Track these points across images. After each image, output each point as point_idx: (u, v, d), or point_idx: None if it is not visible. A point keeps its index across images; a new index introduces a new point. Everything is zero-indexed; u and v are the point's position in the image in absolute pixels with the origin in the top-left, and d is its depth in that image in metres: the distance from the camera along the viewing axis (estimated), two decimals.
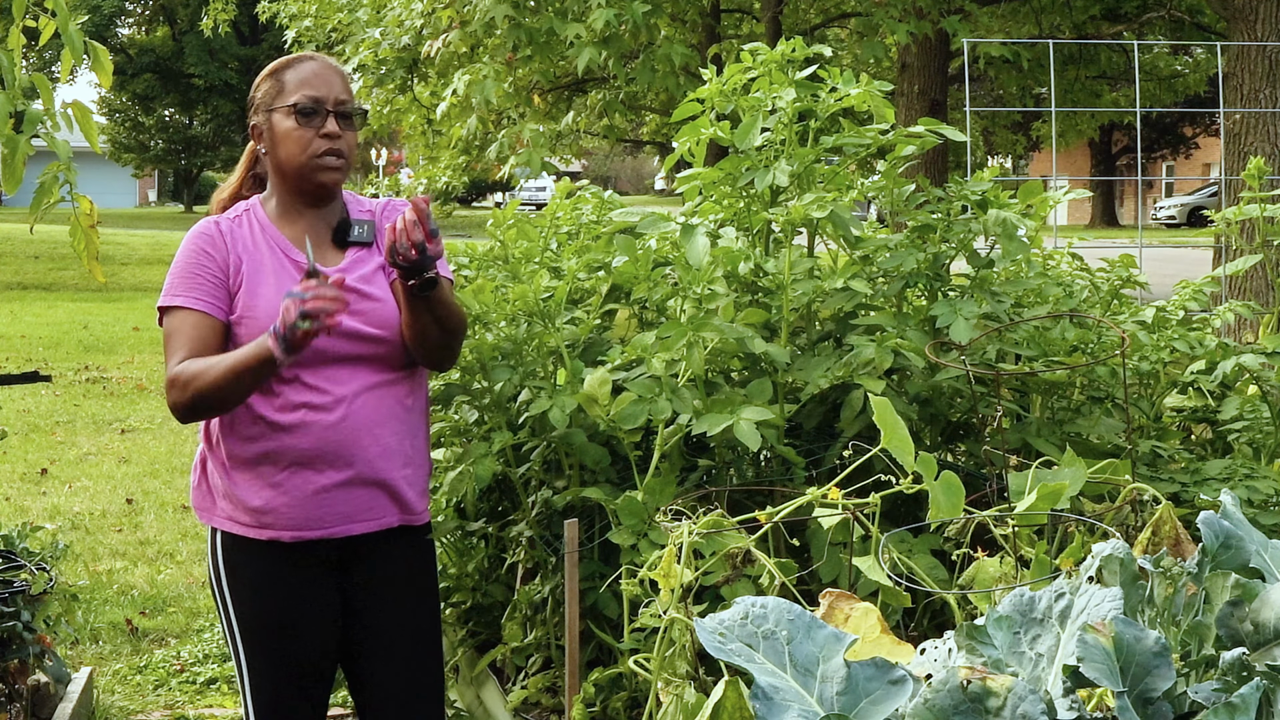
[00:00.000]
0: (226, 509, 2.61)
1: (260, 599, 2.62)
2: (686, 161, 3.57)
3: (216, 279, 2.59)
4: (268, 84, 2.66)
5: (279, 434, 2.56)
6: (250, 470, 2.58)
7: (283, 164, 2.63)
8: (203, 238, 2.63)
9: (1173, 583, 1.60)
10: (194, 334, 2.55)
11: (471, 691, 3.86)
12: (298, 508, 2.58)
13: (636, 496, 3.09)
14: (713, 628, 1.54)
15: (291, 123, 2.60)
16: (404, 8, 10.59)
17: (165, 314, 2.60)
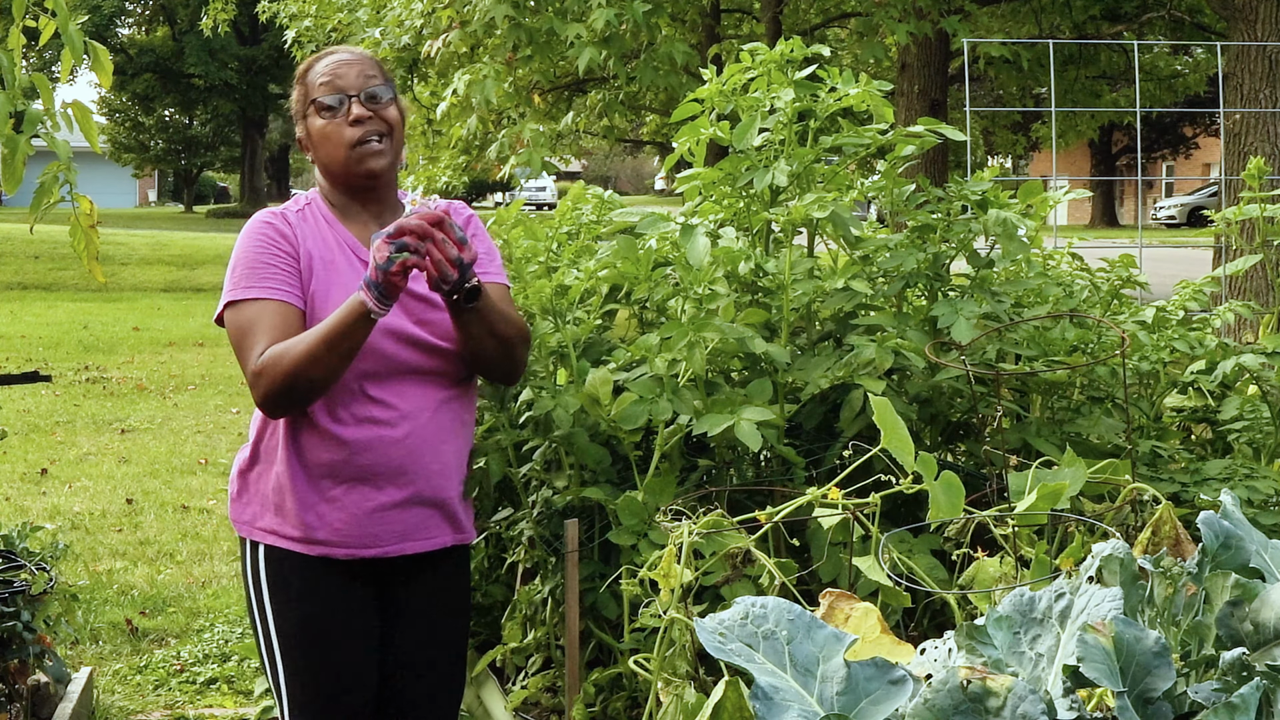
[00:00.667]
0: (273, 523, 2.52)
1: (304, 613, 2.52)
2: (686, 161, 3.57)
3: (291, 268, 2.48)
4: (296, 92, 2.62)
5: (342, 448, 2.47)
6: (307, 484, 2.49)
7: (327, 164, 2.57)
8: (270, 227, 2.53)
9: (1173, 583, 1.60)
10: (274, 322, 2.42)
11: (471, 691, 3.86)
12: (354, 525, 2.50)
13: (636, 496, 3.09)
14: (713, 628, 1.54)
15: (320, 120, 2.55)
16: (404, 8, 10.59)
17: (234, 309, 2.47)
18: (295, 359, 2.34)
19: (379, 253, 2.26)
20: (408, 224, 2.27)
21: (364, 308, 2.30)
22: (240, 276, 2.47)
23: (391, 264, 2.25)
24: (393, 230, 2.26)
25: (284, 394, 2.38)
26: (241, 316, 2.44)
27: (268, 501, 2.51)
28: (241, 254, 2.50)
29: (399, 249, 2.25)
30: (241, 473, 2.58)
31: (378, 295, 2.28)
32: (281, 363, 2.35)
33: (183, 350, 14.14)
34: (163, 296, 20.07)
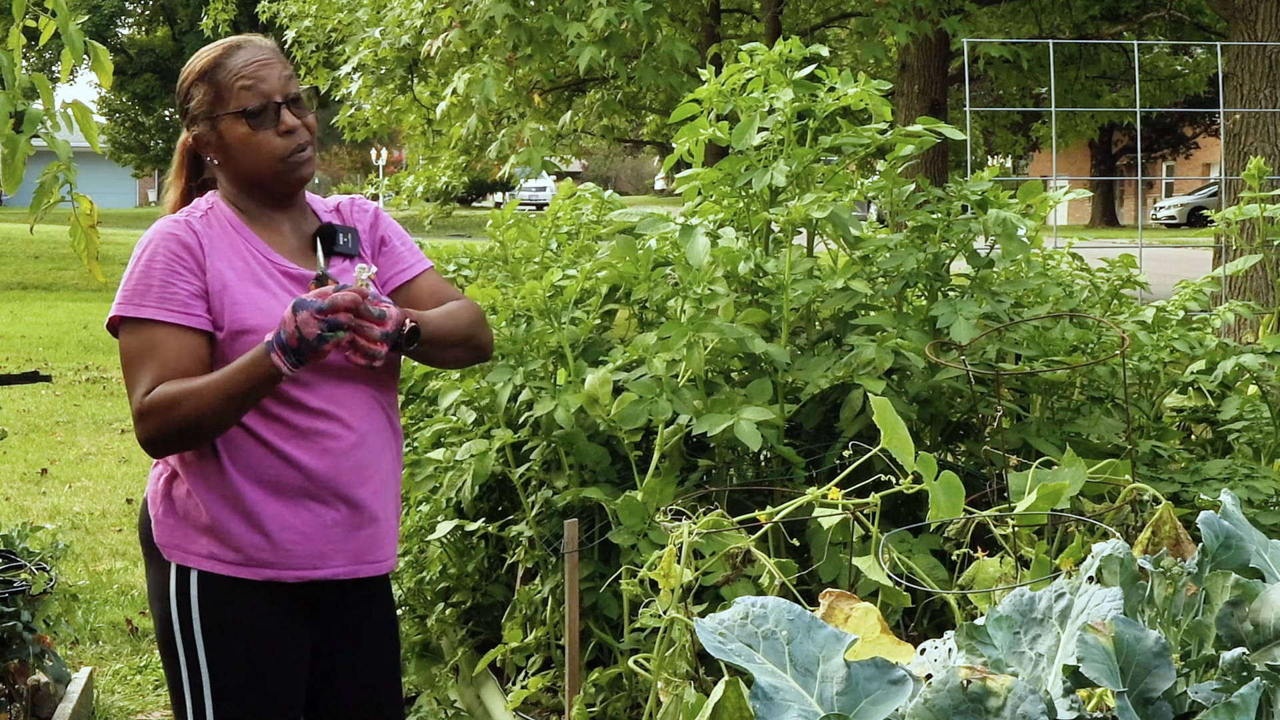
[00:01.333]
0: (208, 546, 2.29)
1: (243, 646, 2.32)
2: (686, 162, 3.57)
3: (195, 288, 2.26)
4: (201, 90, 2.35)
5: (284, 462, 2.28)
6: (247, 503, 2.28)
7: (249, 174, 2.35)
8: (175, 240, 2.28)
9: (1173, 583, 1.60)
10: (168, 355, 2.22)
11: (471, 691, 3.86)
12: (303, 545, 2.31)
13: (636, 496, 3.09)
14: (713, 628, 1.54)
15: (245, 129, 2.32)
16: (404, 8, 10.60)
17: (129, 327, 2.25)
18: (190, 410, 2.17)
19: (307, 326, 2.10)
20: (342, 301, 2.11)
21: (274, 369, 2.14)
22: (138, 290, 2.25)
23: (323, 343, 2.12)
24: (326, 305, 2.10)
25: (172, 440, 2.22)
26: (135, 339, 2.24)
27: (200, 522, 2.29)
28: (138, 265, 2.28)
29: (331, 327, 2.10)
30: (164, 492, 2.33)
31: (294, 361, 2.14)
32: (174, 410, 2.18)
33: None
34: None
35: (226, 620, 2.31)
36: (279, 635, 2.35)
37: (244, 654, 2.33)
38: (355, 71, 12.18)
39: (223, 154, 2.37)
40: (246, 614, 2.32)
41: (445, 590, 3.88)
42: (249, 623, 2.32)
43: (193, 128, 2.38)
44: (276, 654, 2.35)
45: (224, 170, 2.39)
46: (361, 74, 12.23)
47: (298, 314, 2.11)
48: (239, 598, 2.31)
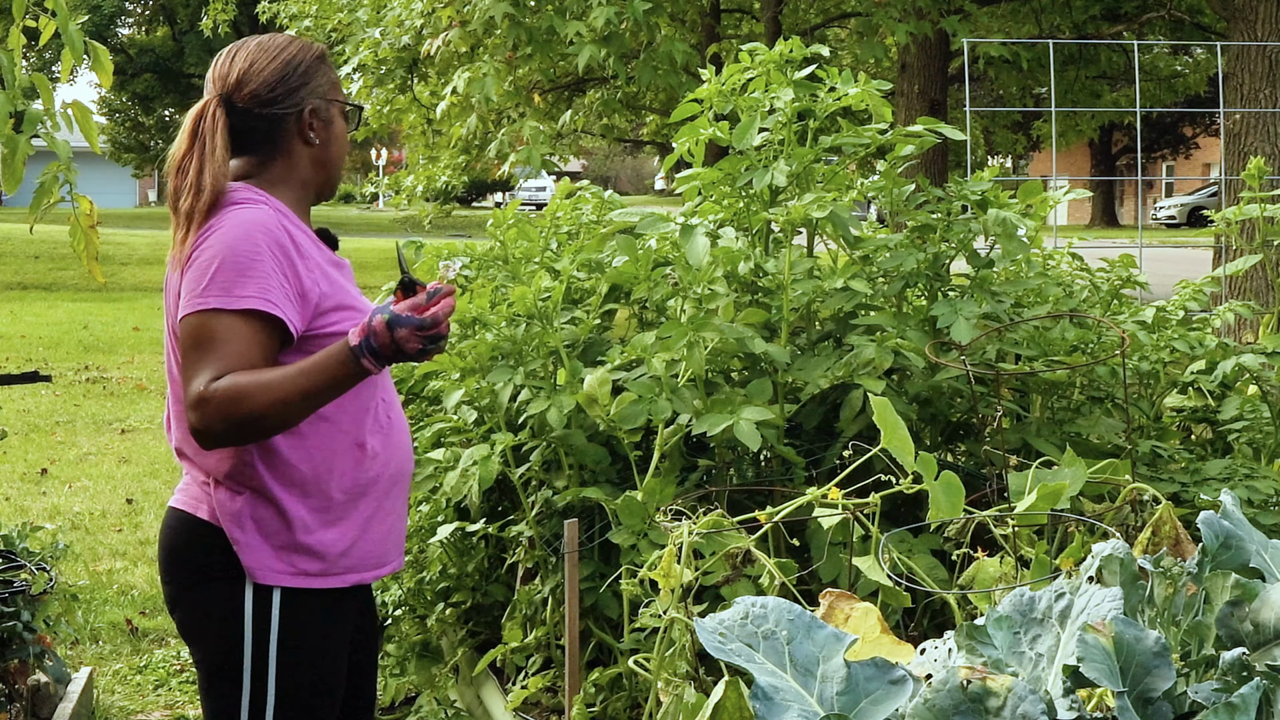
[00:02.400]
0: (294, 561, 2.26)
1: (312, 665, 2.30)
2: (686, 161, 3.57)
3: (289, 283, 2.20)
4: (323, 71, 2.37)
5: (372, 463, 2.29)
6: (337, 509, 2.27)
7: (329, 162, 2.37)
8: (269, 234, 2.20)
9: (1173, 583, 1.60)
10: (244, 346, 2.14)
11: (471, 691, 3.86)
12: (380, 541, 2.33)
13: (636, 496, 3.09)
14: (713, 628, 1.54)
15: (342, 122, 2.40)
16: (404, 8, 10.60)
17: (211, 316, 2.15)
18: (259, 404, 2.09)
19: (408, 343, 2.09)
20: (443, 315, 2.11)
21: (361, 372, 2.13)
22: (226, 279, 2.16)
23: (425, 356, 2.13)
24: (429, 323, 2.10)
25: (228, 432, 2.12)
26: (213, 325, 2.14)
27: (283, 543, 2.25)
28: (231, 252, 2.18)
29: (433, 340, 2.11)
30: (247, 513, 2.25)
31: (385, 365, 2.14)
32: (242, 402, 2.09)
33: None
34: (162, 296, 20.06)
35: (302, 636, 2.29)
36: (341, 646, 2.36)
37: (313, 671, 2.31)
38: (355, 71, 12.18)
39: (324, 136, 2.36)
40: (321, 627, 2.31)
41: (445, 590, 3.88)
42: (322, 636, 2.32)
43: (310, 100, 2.34)
44: (337, 668, 2.35)
45: (314, 155, 2.36)
46: (362, 74, 12.23)
47: (396, 330, 2.08)
48: (316, 611, 2.29)
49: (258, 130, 2.32)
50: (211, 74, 2.35)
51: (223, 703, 2.28)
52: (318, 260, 2.29)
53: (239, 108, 2.30)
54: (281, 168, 2.35)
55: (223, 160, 2.26)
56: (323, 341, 2.23)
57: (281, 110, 2.32)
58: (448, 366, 3.51)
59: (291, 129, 2.34)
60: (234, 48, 2.36)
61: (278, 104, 2.31)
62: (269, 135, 2.33)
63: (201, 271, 2.18)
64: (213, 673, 2.30)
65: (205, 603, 2.29)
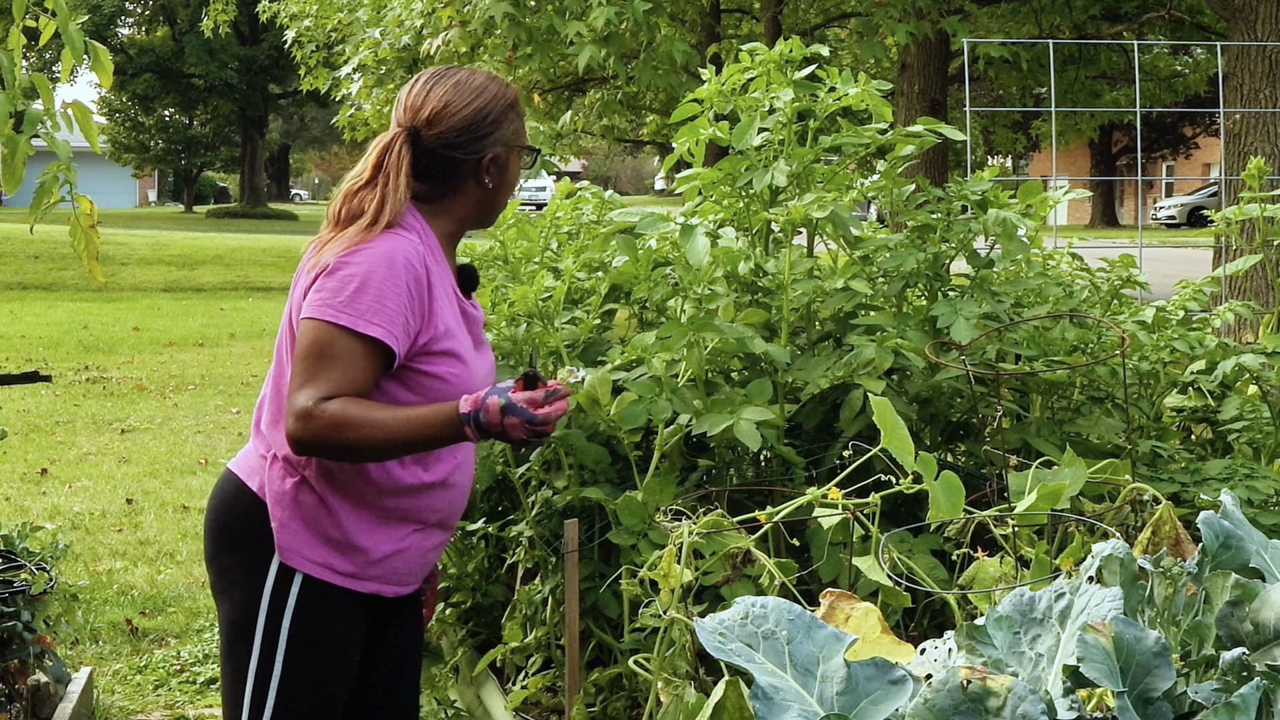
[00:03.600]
0: (325, 557, 2.34)
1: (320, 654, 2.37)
2: (686, 162, 3.57)
3: (413, 320, 2.29)
4: (512, 118, 2.44)
5: (426, 493, 2.37)
6: (382, 524, 2.36)
7: (497, 205, 2.47)
8: (412, 271, 2.28)
9: (1173, 583, 1.60)
10: (360, 372, 2.23)
11: (471, 691, 3.86)
12: (411, 563, 2.41)
13: (636, 496, 3.09)
14: (713, 628, 1.54)
15: (517, 166, 2.46)
16: (404, 8, 10.60)
17: (337, 332, 2.23)
18: (363, 437, 2.19)
19: (514, 431, 2.18)
20: (555, 416, 2.20)
21: (463, 437, 2.22)
22: (361, 303, 2.24)
23: (525, 446, 2.22)
24: (540, 420, 2.18)
25: (324, 451, 2.23)
26: (338, 342, 2.22)
27: (324, 532, 2.34)
28: (372, 277, 2.25)
29: (537, 435, 2.19)
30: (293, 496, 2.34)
31: (481, 437, 2.22)
32: (348, 430, 2.18)
33: (183, 350, 14.14)
34: (163, 296, 20.07)
35: (316, 624, 2.35)
36: (352, 647, 2.42)
37: (319, 660, 2.38)
38: (355, 71, 12.19)
39: (498, 180, 2.43)
40: (334, 623, 2.37)
41: (445, 590, 3.88)
42: (334, 632, 2.37)
43: (493, 147, 2.40)
44: (346, 664, 2.41)
45: (484, 196, 2.44)
46: (362, 74, 12.23)
47: (507, 417, 2.17)
48: (332, 605, 2.36)
49: (437, 167, 2.39)
50: (404, 102, 2.41)
51: (237, 668, 2.38)
52: (447, 300, 2.36)
53: (424, 145, 2.38)
54: (450, 203, 2.42)
55: (405, 196, 2.35)
56: (420, 379, 2.32)
57: (464, 155, 2.39)
58: None
59: (469, 172, 2.41)
60: (431, 79, 2.42)
61: (462, 149, 2.38)
62: (446, 173, 2.40)
63: (342, 284, 2.25)
64: (233, 637, 2.39)
65: (235, 568, 2.38)
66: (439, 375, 2.33)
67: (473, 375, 2.37)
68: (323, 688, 2.40)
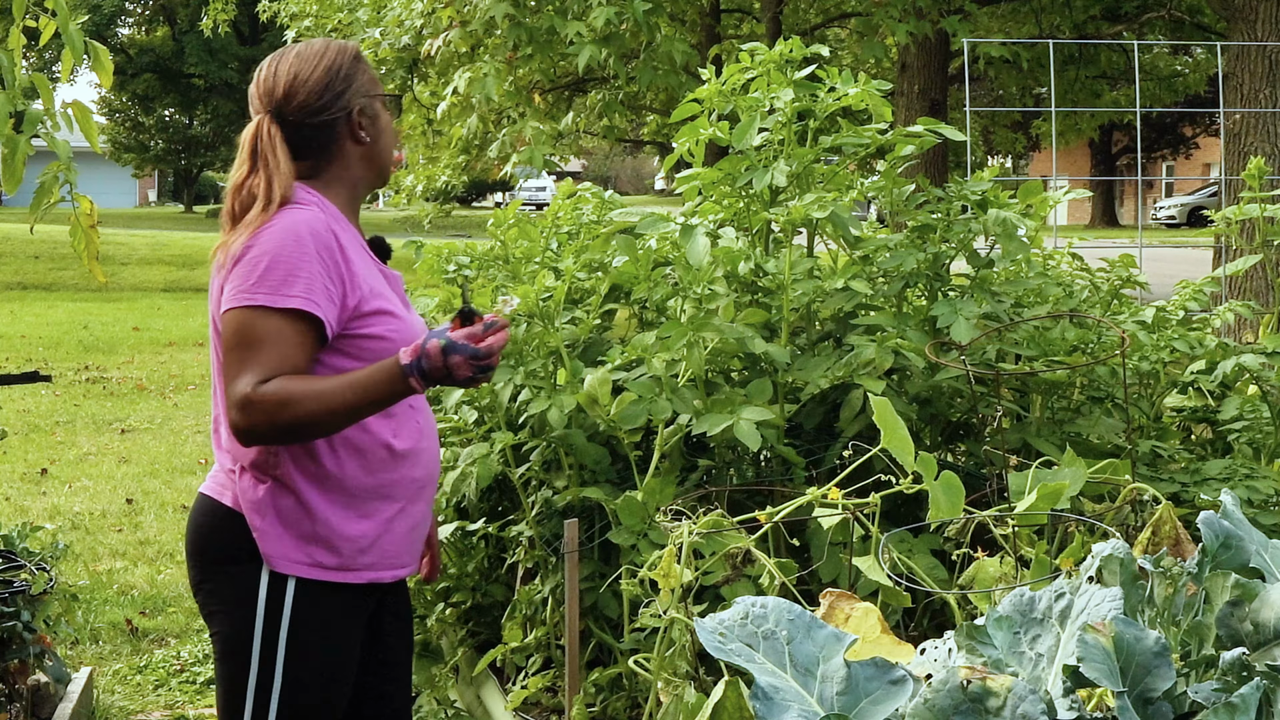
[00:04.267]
0: (312, 555, 2.30)
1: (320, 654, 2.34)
2: (686, 162, 3.57)
3: (333, 286, 2.25)
4: (362, 69, 2.41)
5: (399, 464, 2.34)
6: (363, 509, 2.32)
7: (379, 156, 2.43)
8: (319, 238, 2.25)
9: (1173, 583, 1.60)
10: (290, 350, 2.18)
11: (471, 691, 3.86)
12: (401, 542, 2.37)
13: (636, 496, 3.09)
14: (713, 628, 1.54)
15: (387, 115, 2.44)
16: (404, 8, 10.60)
17: (257, 314, 2.20)
18: (308, 410, 2.15)
19: (460, 370, 2.14)
20: (498, 346, 2.16)
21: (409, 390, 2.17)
22: (272, 279, 2.20)
23: (474, 384, 2.17)
24: (483, 353, 2.14)
25: (274, 435, 2.19)
26: (260, 324, 2.19)
27: (305, 530, 2.30)
28: (291, 255, 2.22)
29: (484, 370, 2.15)
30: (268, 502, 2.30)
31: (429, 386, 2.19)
32: (291, 408, 2.14)
33: (183, 350, 14.14)
34: (163, 296, 20.08)
35: (313, 628, 2.32)
36: (353, 641, 2.39)
37: (320, 663, 2.35)
38: None
39: (373, 132, 2.41)
40: (332, 621, 2.34)
41: (445, 590, 3.88)
42: (332, 630, 2.35)
43: (355, 100, 2.39)
44: (346, 663, 2.39)
45: (361, 151, 2.41)
46: None
47: (450, 356, 2.13)
48: (328, 605, 2.34)
49: (312, 138, 2.37)
50: (255, 90, 2.39)
51: (233, 684, 2.35)
52: (365, 262, 2.34)
53: (290, 120, 2.36)
54: (336, 169, 2.40)
55: (288, 171, 2.32)
56: (359, 343, 2.28)
57: (331, 116, 2.37)
58: None
59: (343, 132, 2.39)
60: (274, 60, 2.41)
61: (327, 110, 2.37)
62: (322, 141, 2.38)
63: (251, 268, 2.22)
64: (226, 654, 2.35)
65: (224, 587, 2.35)
66: (378, 335, 2.29)
67: (410, 329, 2.34)
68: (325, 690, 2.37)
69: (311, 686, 2.35)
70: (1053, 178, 18.39)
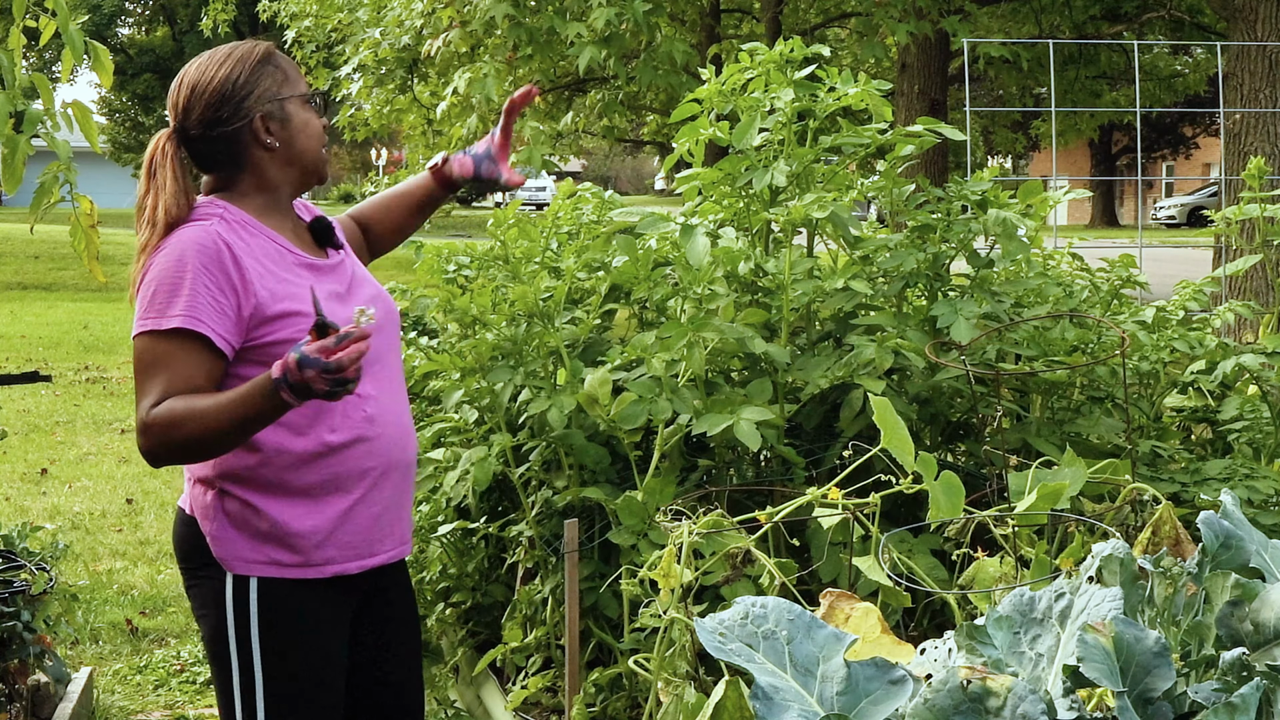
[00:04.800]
0: (268, 553, 2.30)
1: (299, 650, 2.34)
2: (686, 162, 3.57)
3: (223, 300, 2.24)
4: (268, 71, 2.37)
5: (343, 457, 2.32)
6: (313, 503, 2.31)
7: (301, 155, 2.39)
8: (203, 250, 2.24)
9: (1173, 583, 1.60)
10: (182, 368, 2.19)
11: (471, 691, 3.86)
12: (363, 533, 2.36)
13: (636, 496, 3.09)
14: (713, 628, 1.54)
15: (306, 113, 2.39)
16: (404, 8, 10.60)
17: (149, 340, 2.22)
18: (193, 430, 2.15)
19: (316, 384, 2.06)
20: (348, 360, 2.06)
21: (284, 404, 2.11)
22: (167, 301, 2.21)
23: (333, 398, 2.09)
24: (333, 366, 2.05)
25: (173, 456, 2.21)
26: (154, 347, 2.21)
27: (258, 530, 2.30)
28: (172, 275, 2.23)
29: (339, 384, 2.07)
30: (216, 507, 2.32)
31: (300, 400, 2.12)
32: (178, 429, 2.15)
33: None
34: None
35: (284, 625, 2.33)
36: (331, 635, 2.38)
37: (300, 659, 2.35)
38: (355, 72, 12.19)
39: (284, 136, 2.38)
40: (303, 616, 2.34)
41: (445, 590, 3.88)
42: (305, 625, 2.35)
43: (258, 107, 2.35)
44: (329, 655, 2.38)
45: (274, 156, 2.39)
46: (362, 74, 12.23)
47: (305, 371, 2.07)
48: (296, 601, 2.33)
49: (217, 150, 2.37)
50: (169, 106, 2.40)
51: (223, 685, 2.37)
52: (267, 267, 2.30)
53: (192, 134, 2.36)
54: (248, 178, 2.38)
55: (173, 191, 2.30)
56: (267, 350, 2.26)
57: (232, 126, 2.35)
58: (448, 366, 3.52)
59: (247, 140, 2.36)
60: (182, 73, 2.39)
61: (225, 122, 2.34)
62: (228, 152, 2.36)
63: (142, 296, 2.25)
64: (212, 657, 2.38)
65: (199, 593, 2.37)
66: (287, 339, 2.25)
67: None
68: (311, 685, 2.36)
69: (293, 683, 2.34)
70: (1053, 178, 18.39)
